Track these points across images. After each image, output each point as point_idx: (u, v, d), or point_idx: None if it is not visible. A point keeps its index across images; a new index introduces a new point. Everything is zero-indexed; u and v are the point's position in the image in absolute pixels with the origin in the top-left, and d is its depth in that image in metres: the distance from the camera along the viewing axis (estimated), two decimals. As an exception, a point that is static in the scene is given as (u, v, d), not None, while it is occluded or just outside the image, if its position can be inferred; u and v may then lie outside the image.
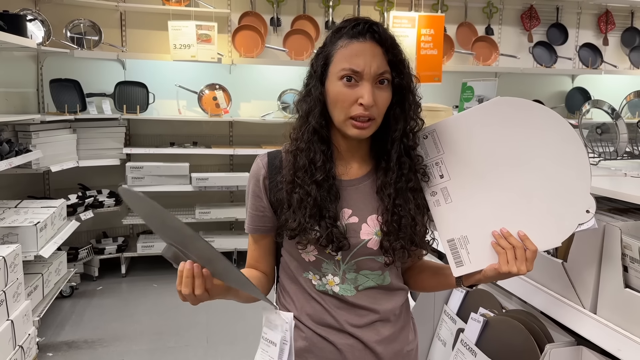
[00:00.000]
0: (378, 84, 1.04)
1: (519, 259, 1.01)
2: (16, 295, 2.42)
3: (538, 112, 1.03)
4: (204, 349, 3.01)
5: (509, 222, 1.03)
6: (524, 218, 1.03)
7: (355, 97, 1.03)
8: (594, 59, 5.09)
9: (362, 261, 1.10)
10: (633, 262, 1.08)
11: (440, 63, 4.22)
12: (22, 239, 2.73)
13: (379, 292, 1.14)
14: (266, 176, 1.13)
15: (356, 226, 1.09)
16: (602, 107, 1.70)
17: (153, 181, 4.07)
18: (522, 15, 5.06)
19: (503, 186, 1.03)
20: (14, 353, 2.29)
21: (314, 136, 1.08)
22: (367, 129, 1.05)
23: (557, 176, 1.01)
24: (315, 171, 1.06)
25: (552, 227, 1.01)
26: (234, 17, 4.44)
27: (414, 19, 4.09)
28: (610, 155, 1.65)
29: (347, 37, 1.05)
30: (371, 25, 1.04)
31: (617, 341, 1.10)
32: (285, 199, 1.09)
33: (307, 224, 1.05)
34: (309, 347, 1.13)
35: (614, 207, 1.32)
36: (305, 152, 1.08)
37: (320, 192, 1.06)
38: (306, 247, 1.09)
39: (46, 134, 3.62)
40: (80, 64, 4.15)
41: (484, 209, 1.04)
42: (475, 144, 1.05)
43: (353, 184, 1.12)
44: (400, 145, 1.08)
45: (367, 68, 1.02)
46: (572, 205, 1.01)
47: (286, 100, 4.48)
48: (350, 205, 1.11)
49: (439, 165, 1.06)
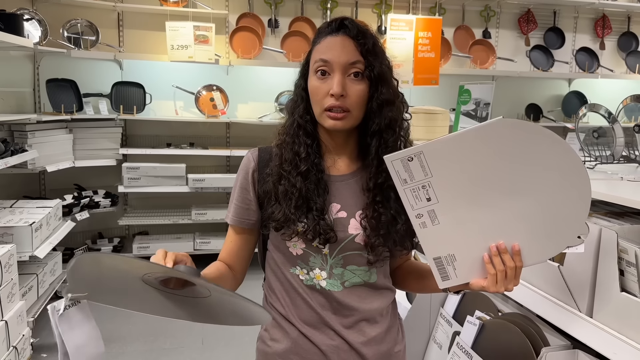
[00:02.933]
0: (352, 77, 1.06)
1: (509, 278, 0.97)
2: (10, 295, 2.41)
3: (544, 137, 0.92)
4: (199, 351, 2.99)
5: (498, 240, 0.98)
6: (513, 238, 0.97)
7: (328, 89, 1.06)
8: (591, 63, 5.11)
9: (349, 256, 1.11)
10: (629, 266, 1.08)
11: (437, 66, 4.22)
12: (17, 239, 2.72)
13: (365, 290, 1.14)
14: (255, 169, 1.16)
15: (344, 220, 1.10)
16: (598, 111, 1.71)
17: (149, 182, 4.06)
18: (519, 19, 5.08)
19: (496, 209, 0.96)
20: (7, 354, 2.28)
21: (298, 130, 1.12)
22: (342, 121, 1.06)
23: (555, 204, 0.95)
24: (300, 163, 1.09)
25: (540, 247, 0.98)
26: (232, 18, 4.44)
27: (412, 22, 4.09)
28: (607, 159, 1.65)
29: (323, 34, 1.10)
30: (342, 21, 1.08)
31: (613, 345, 1.10)
32: (272, 191, 1.11)
33: (292, 215, 1.07)
34: (293, 349, 1.13)
35: (610, 211, 1.32)
36: (290, 145, 1.12)
37: (306, 184, 1.08)
38: (292, 238, 1.09)
39: (42, 134, 3.61)
40: (77, 64, 4.14)
41: (474, 229, 0.98)
42: (469, 168, 0.95)
43: (343, 179, 1.13)
44: (379, 139, 1.09)
45: (336, 58, 1.05)
46: (565, 231, 0.96)
47: (283, 102, 4.48)
48: (339, 200, 1.12)
49: (425, 188, 0.96)
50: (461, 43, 4.91)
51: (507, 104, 5.07)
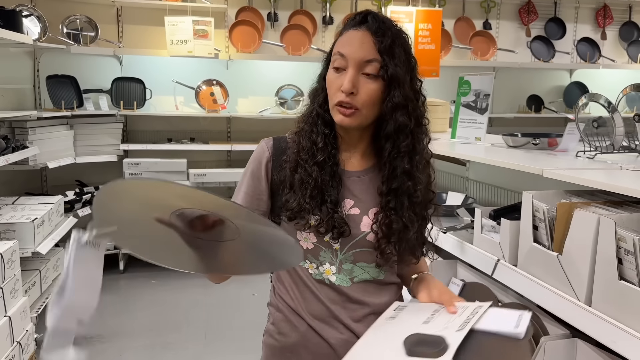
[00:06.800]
0: (366, 75, 1.04)
1: None
2: (14, 291, 2.42)
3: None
4: (203, 345, 3.01)
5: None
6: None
7: (340, 84, 1.04)
8: (592, 53, 5.08)
9: (360, 253, 1.10)
10: (627, 255, 1.08)
11: (437, 58, 4.20)
12: (20, 235, 2.73)
13: (374, 286, 1.14)
14: (270, 159, 1.13)
15: (357, 217, 1.09)
16: (598, 101, 1.70)
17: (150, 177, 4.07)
18: (520, 10, 5.05)
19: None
20: (12, 349, 2.30)
21: (317, 119, 1.10)
22: (349, 117, 1.05)
23: None
24: (316, 152, 1.08)
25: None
26: (231, 12, 4.43)
27: (412, 14, 4.08)
28: (607, 148, 1.65)
29: (348, 27, 1.08)
30: (367, 15, 1.05)
31: (612, 333, 1.10)
32: (287, 179, 1.09)
33: (307, 205, 1.05)
34: (302, 343, 1.13)
35: (609, 200, 1.32)
36: (308, 133, 1.10)
37: (322, 174, 1.06)
38: (305, 229, 1.08)
39: (43, 131, 3.61)
40: (76, 60, 4.13)
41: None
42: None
43: (357, 175, 1.12)
44: (391, 143, 1.07)
45: (352, 54, 1.03)
46: None
47: (284, 95, 4.48)
48: (352, 196, 1.11)
49: None
50: (461, 34, 4.89)
51: (509, 96, 5.05)
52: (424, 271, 1.19)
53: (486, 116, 2.26)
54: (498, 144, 2.14)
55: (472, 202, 2.19)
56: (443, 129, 2.79)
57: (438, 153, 2.02)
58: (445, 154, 2.03)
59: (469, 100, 2.34)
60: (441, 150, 2.02)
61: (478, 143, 2.23)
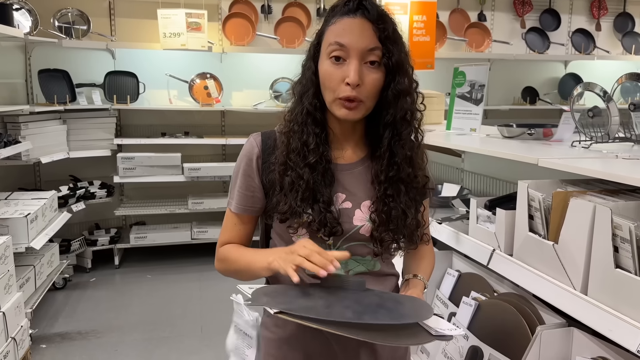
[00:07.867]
0: (368, 65, 1.01)
1: None
2: (7, 287, 2.40)
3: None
4: (199, 339, 3.00)
5: None
6: None
7: (343, 77, 1.00)
8: (587, 44, 5.08)
9: (354, 247, 1.09)
10: (624, 243, 1.08)
11: (432, 50, 4.18)
12: (13, 230, 2.71)
13: (369, 278, 1.13)
14: (259, 155, 1.11)
15: (349, 211, 1.08)
16: (593, 90, 1.69)
17: (145, 172, 4.04)
18: (514, 1, 5.04)
19: None
20: (6, 345, 2.28)
21: (307, 118, 1.06)
22: (354, 111, 1.02)
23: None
24: (308, 154, 1.04)
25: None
26: (224, 4, 4.39)
27: (406, 6, 4.05)
28: (602, 138, 1.64)
29: (339, 14, 1.03)
30: (362, 2, 1.02)
31: (608, 322, 1.10)
32: (277, 181, 1.07)
33: (298, 208, 1.03)
34: (298, 335, 1.12)
35: (605, 189, 1.32)
36: (298, 134, 1.06)
37: (313, 175, 1.04)
38: (297, 230, 1.07)
39: (35, 125, 3.58)
40: (69, 54, 4.09)
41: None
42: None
43: (348, 168, 1.11)
44: (392, 131, 1.06)
45: (354, 43, 0.99)
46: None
47: (278, 89, 4.45)
48: (344, 189, 1.09)
49: None
50: (456, 26, 4.87)
51: (503, 88, 5.05)
52: (419, 274, 1.17)
53: (481, 107, 2.25)
54: (493, 134, 2.13)
55: (468, 193, 2.18)
56: (438, 121, 2.78)
57: (433, 144, 2.02)
58: (440, 145, 2.02)
59: (464, 91, 2.33)
60: (436, 141, 2.01)
61: (473, 134, 2.22)
